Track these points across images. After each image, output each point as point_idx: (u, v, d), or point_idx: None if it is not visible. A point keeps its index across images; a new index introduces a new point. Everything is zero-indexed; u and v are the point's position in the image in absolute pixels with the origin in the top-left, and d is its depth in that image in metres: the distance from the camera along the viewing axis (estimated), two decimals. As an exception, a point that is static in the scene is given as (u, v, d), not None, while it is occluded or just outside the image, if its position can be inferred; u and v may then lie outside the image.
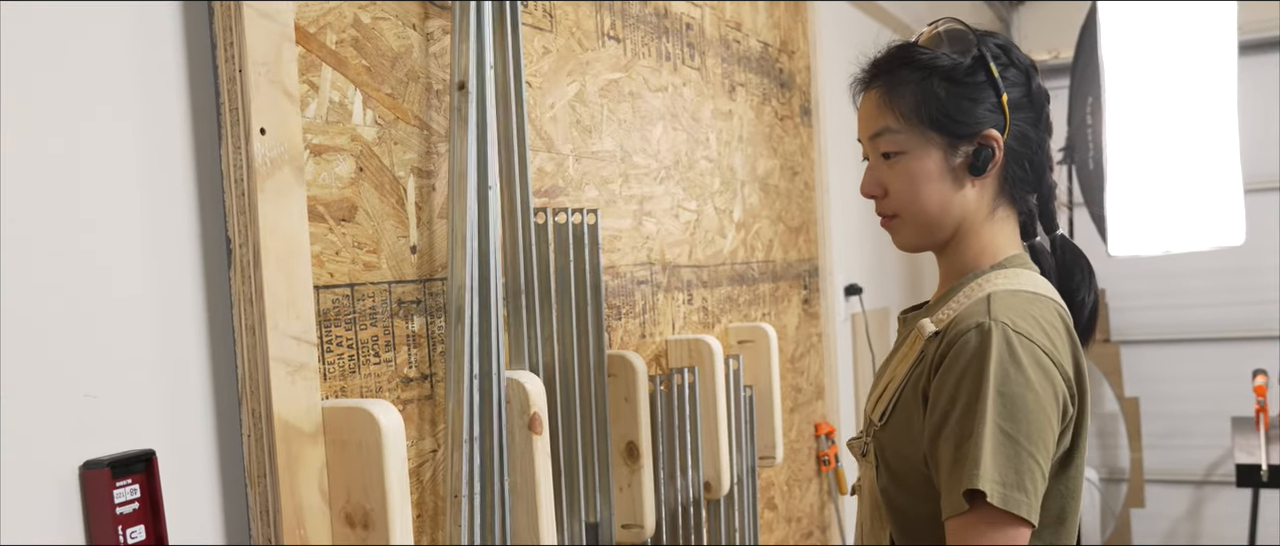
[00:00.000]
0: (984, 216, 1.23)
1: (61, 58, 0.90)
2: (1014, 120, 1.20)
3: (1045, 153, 1.24)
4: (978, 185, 1.21)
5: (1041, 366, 1.10)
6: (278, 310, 1.02)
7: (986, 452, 1.05)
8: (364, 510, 1.08)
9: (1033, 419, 1.08)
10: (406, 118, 1.25)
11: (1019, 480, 1.06)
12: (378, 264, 1.20)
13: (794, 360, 2.49)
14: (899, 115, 1.21)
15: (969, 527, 1.07)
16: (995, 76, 1.19)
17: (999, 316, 1.11)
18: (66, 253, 0.90)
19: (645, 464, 1.62)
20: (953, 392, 1.10)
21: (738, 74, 2.19)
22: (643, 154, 1.79)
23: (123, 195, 0.95)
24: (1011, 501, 1.05)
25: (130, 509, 0.93)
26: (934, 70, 1.20)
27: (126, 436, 0.95)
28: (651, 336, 1.81)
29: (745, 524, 2.04)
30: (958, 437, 1.08)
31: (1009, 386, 1.08)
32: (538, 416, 1.33)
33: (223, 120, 1.02)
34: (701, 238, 2.00)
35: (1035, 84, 1.23)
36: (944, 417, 1.10)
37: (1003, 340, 1.09)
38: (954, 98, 1.19)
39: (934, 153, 1.20)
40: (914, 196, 1.22)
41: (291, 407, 1.04)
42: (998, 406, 1.07)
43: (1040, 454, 1.08)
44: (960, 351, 1.11)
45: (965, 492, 1.06)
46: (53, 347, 0.89)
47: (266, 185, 1.02)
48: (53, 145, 0.89)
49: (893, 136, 1.21)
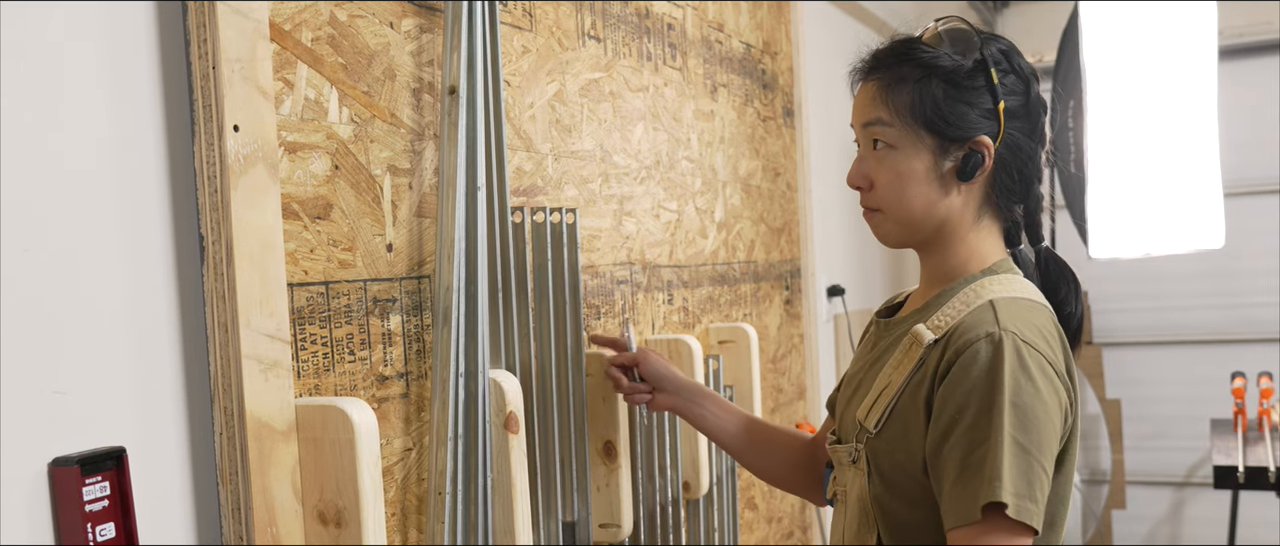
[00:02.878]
0: (969, 222, 1.23)
1: (33, 54, 0.90)
2: (1008, 128, 1.19)
3: (1036, 164, 1.22)
4: (964, 190, 1.21)
5: (1048, 377, 1.10)
6: (250, 307, 1.02)
7: (1005, 464, 1.06)
8: (337, 508, 1.07)
9: (1043, 429, 1.08)
10: (383, 116, 1.25)
11: (1031, 490, 1.07)
12: (353, 262, 1.20)
13: (775, 361, 2.49)
14: (894, 110, 1.20)
15: (979, 536, 1.07)
16: (994, 82, 1.18)
17: (1008, 326, 1.11)
18: (37, 248, 0.90)
19: (623, 463, 1.62)
20: (962, 402, 1.10)
21: (720, 75, 2.20)
22: (623, 154, 1.79)
23: (95, 191, 0.95)
24: (1025, 512, 1.06)
25: (100, 506, 0.92)
26: (934, 70, 1.19)
27: (97, 433, 0.94)
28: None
29: (725, 524, 2.04)
30: (966, 447, 1.08)
31: (1022, 397, 1.08)
32: (514, 415, 1.33)
33: (196, 117, 1.02)
34: (682, 238, 2.01)
35: (1034, 93, 1.22)
36: (951, 426, 1.10)
37: (1014, 351, 1.09)
38: (950, 100, 1.18)
39: (924, 153, 1.20)
40: (899, 194, 1.21)
41: (264, 405, 1.04)
42: (1012, 418, 1.07)
43: (1048, 462, 1.09)
44: (971, 361, 1.10)
45: (987, 503, 1.06)
46: (22, 344, 0.88)
47: (240, 182, 1.01)
48: (24, 141, 0.89)
49: (885, 129, 1.21)
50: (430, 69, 1.32)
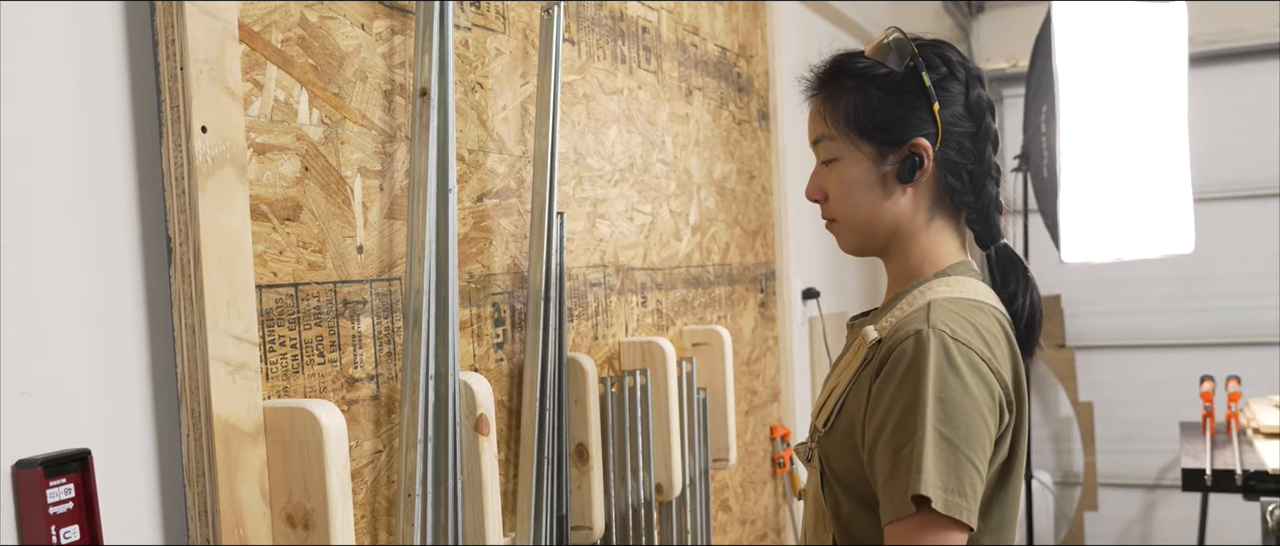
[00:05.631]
0: (920, 225, 1.25)
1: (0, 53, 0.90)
2: (949, 130, 1.21)
3: (985, 164, 1.24)
4: (909, 193, 1.23)
5: (978, 372, 1.11)
6: (218, 309, 1.02)
7: (929, 458, 1.07)
8: (305, 510, 1.07)
9: (971, 424, 1.09)
10: (354, 117, 1.24)
11: (959, 484, 1.08)
12: (323, 263, 1.19)
13: (750, 363, 2.50)
14: (833, 122, 1.24)
15: (910, 532, 1.08)
16: (926, 85, 1.21)
17: (936, 323, 1.13)
18: (2, 249, 0.89)
19: (595, 465, 1.63)
20: (891, 399, 1.11)
21: (695, 78, 2.20)
22: (597, 157, 1.80)
23: (61, 191, 0.94)
24: (953, 506, 1.07)
25: (64, 508, 0.92)
26: (870, 79, 1.22)
27: (62, 435, 0.94)
28: (604, 339, 1.81)
29: (698, 525, 2.05)
30: (897, 443, 1.10)
31: (947, 392, 1.09)
32: (485, 417, 1.33)
33: (164, 117, 1.01)
34: (656, 240, 2.01)
35: (974, 94, 1.23)
36: (882, 424, 1.12)
37: (940, 347, 1.11)
38: (885, 106, 1.22)
39: (863, 160, 1.23)
40: (847, 202, 1.25)
41: (231, 407, 1.03)
42: (937, 412, 1.08)
43: (978, 458, 1.10)
44: (899, 358, 1.12)
45: (912, 498, 1.07)
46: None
47: (207, 183, 1.01)
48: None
49: (829, 143, 1.25)
50: (402, 71, 1.32)
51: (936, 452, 1.07)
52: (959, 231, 1.28)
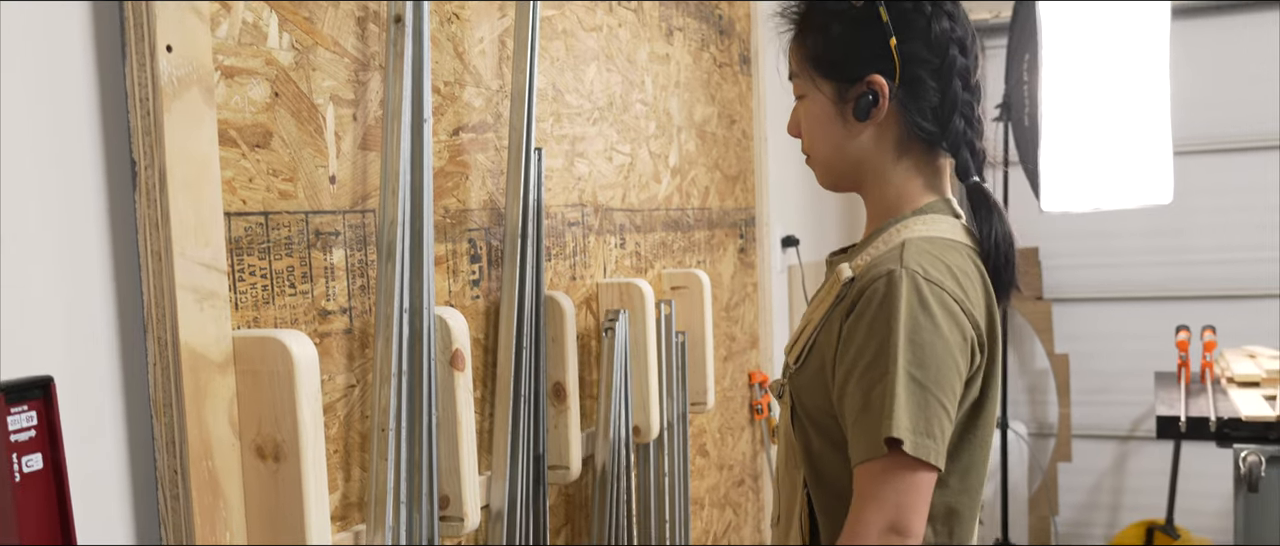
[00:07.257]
0: (889, 162, 1.23)
1: (-51, -38, 0.86)
2: (908, 67, 1.19)
3: (950, 100, 1.20)
4: (871, 130, 1.22)
5: (950, 312, 1.10)
6: (185, 236, 0.99)
7: (899, 400, 1.06)
8: (275, 442, 1.05)
9: (942, 364, 1.09)
10: (326, 43, 1.21)
11: (928, 426, 1.07)
12: (294, 193, 1.16)
13: (729, 309, 2.49)
14: (799, 61, 1.26)
15: (880, 473, 1.08)
16: (884, 20, 1.19)
17: (909, 263, 1.11)
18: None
19: (572, 405, 1.61)
20: (863, 339, 1.10)
21: (676, 17, 2.17)
22: (575, 94, 1.76)
23: (20, 112, 0.91)
24: (922, 448, 1.06)
25: (26, 436, 0.90)
26: (832, 14, 1.23)
27: (23, 362, 0.92)
28: (582, 279, 1.79)
29: (675, 468, 2.05)
30: (867, 384, 1.09)
31: (919, 334, 1.08)
32: (460, 353, 1.31)
33: (127, 37, 0.98)
34: (635, 182, 1.99)
35: (939, 27, 1.19)
36: (853, 363, 1.11)
37: (912, 287, 1.09)
38: (841, 42, 1.22)
39: (822, 98, 1.24)
40: (814, 138, 1.27)
41: (200, 336, 1.01)
42: (908, 353, 1.07)
43: (948, 399, 1.09)
44: (871, 298, 1.11)
45: (884, 440, 1.06)
46: (-59, 266, 0.85)
47: (173, 105, 0.98)
48: (-61, 54, 0.85)
49: (797, 80, 1.27)
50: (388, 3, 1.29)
51: (907, 394, 1.07)
52: (936, 168, 1.25)
